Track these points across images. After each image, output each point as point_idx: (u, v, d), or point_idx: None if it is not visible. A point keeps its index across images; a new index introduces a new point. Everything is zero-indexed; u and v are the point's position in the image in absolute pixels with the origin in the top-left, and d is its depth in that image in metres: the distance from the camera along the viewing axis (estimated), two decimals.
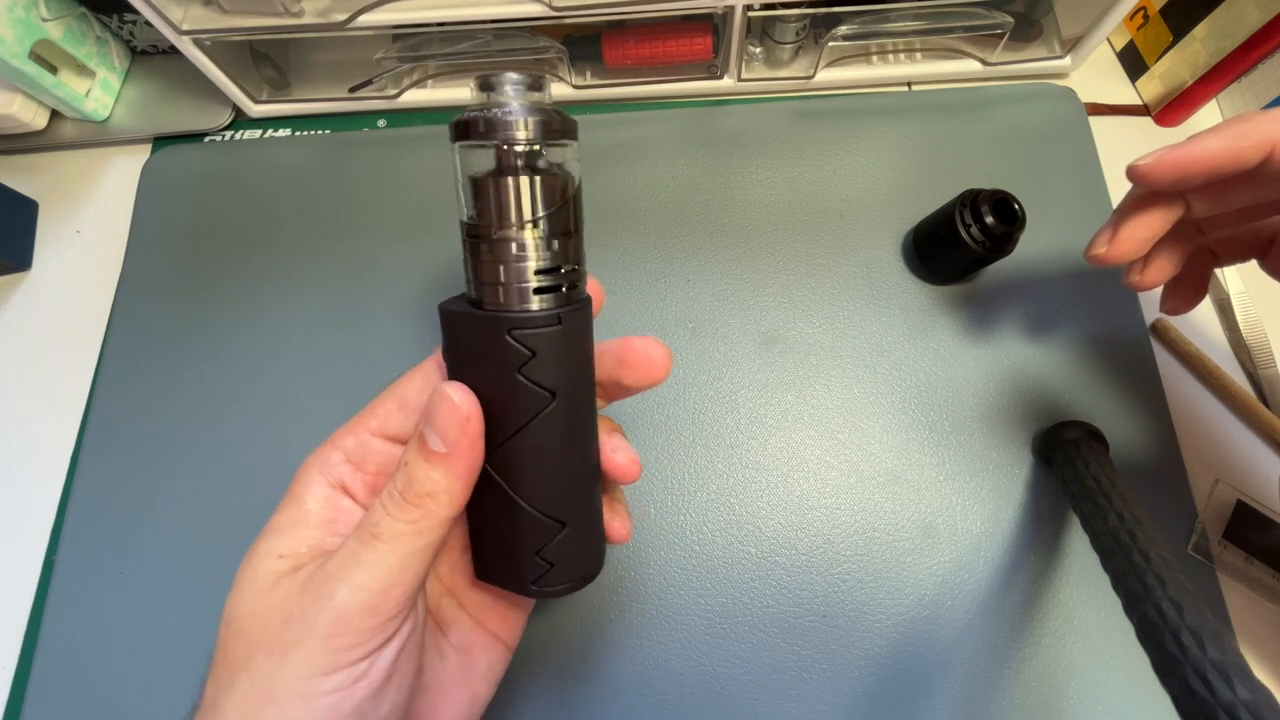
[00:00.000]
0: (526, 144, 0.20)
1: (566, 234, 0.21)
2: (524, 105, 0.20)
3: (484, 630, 0.25)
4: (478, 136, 0.20)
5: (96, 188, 0.42)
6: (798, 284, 0.37)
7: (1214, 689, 0.19)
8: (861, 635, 0.31)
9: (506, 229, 0.20)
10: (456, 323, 0.20)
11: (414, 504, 0.19)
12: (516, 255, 0.20)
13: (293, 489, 0.22)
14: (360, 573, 0.19)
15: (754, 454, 0.34)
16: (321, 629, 0.18)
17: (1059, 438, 0.32)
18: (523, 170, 0.20)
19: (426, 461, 0.20)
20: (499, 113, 0.19)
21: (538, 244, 0.20)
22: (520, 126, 0.19)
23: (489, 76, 0.20)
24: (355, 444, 0.23)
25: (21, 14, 0.36)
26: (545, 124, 0.20)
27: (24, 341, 0.38)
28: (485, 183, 0.20)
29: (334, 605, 0.18)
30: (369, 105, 0.42)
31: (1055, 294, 0.37)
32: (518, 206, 0.20)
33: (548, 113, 0.20)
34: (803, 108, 0.41)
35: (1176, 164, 0.23)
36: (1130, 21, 0.42)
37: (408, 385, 0.23)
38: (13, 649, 0.33)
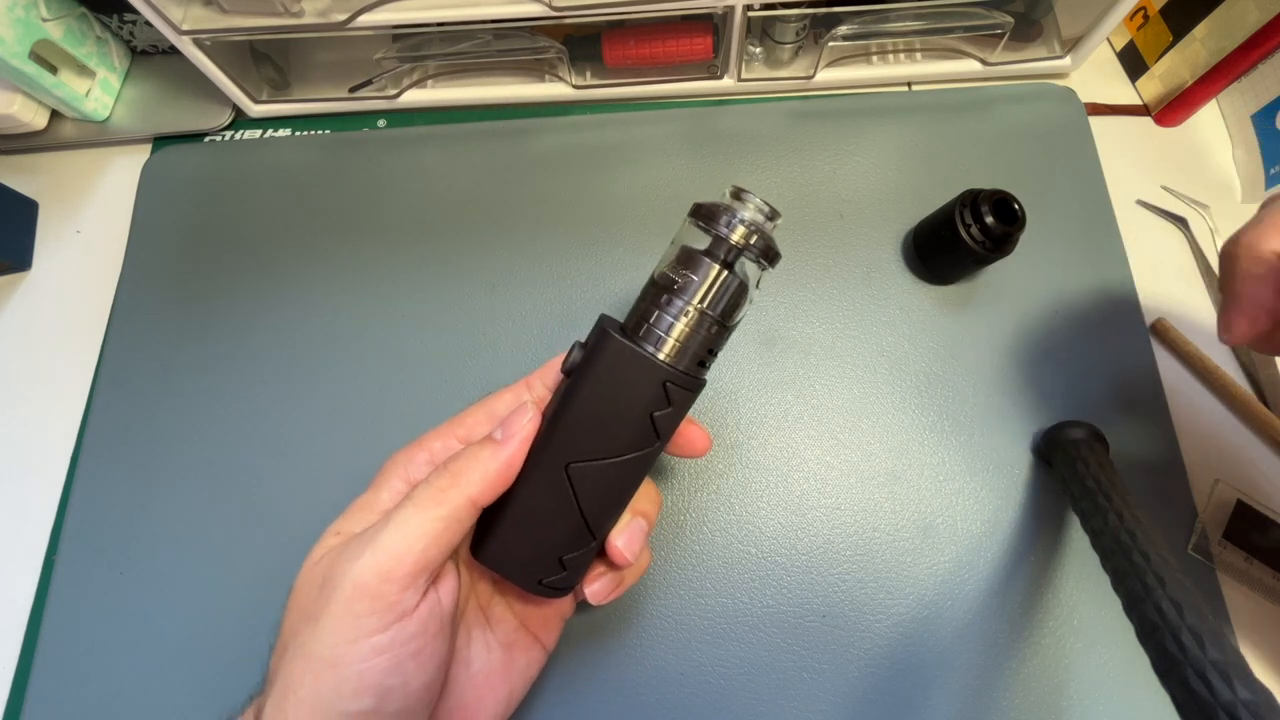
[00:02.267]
0: (766, 258, 0.23)
1: (729, 330, 0.24)
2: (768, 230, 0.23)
3: (526, 631, 0.26)
4: (753, 232, 0.23)
5: (96, 188, 0.42)
6: (798, 284, 0.37)
7: (1214, 689, 0.19)
8: (861, 635, 0.31)
9: (712, 310, 0.22)
10: (621, 351, 0.22)
11: (452, 473, 0.21)
12: (705, 332, 0.22)
13: (376, 478, 0.24)
14: (384, 535, 0.20)
15: (754, 454, 0.34)
16: (345, 592, 0.19)
17: (1059, 438, 0.32)
18: (742, 274, 0.23)
19: (480, 443, 0.22)
20: (767, 223, 0.23)
21: (722, 334, 0.23)
22: (769, 243, 0.23)
23: (742, 191, 0.23)
24: (441, 447, 0.24)
25: (21, 14, 0.36)
26: (771, 249, 0.23)
27: (24, 341, 0.38)
28: (717, 271, 0.22)
29: (356, 568, 0.19)
30: (369, 105, 0.42)
31: (1055, 294, 0.37)
32: (733, 300, 0.23)
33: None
34: (803, 108, 0.41)
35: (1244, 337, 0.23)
36: (1130, 21, 0.42)
37: (498, 400, 0.25)
38: (13, 649, 0.33)
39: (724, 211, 0.22)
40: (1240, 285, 0.22)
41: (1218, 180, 0.40)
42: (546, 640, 0.27)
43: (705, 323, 0.22)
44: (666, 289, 0.22)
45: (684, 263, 0.23)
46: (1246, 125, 0.40)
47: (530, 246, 0.38)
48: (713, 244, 0.23)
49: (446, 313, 0.37)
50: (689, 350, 0.22)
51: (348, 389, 0.36)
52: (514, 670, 0.25)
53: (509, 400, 0.25)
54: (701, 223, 0.23)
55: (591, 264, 0.38)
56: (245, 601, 0.32)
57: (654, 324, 0.22)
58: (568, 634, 0.31)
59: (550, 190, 0.39)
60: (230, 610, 0.32)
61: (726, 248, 0.22)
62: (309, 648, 0.19)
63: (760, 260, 0.23)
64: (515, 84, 0.42)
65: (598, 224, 0.38)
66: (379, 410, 0.35)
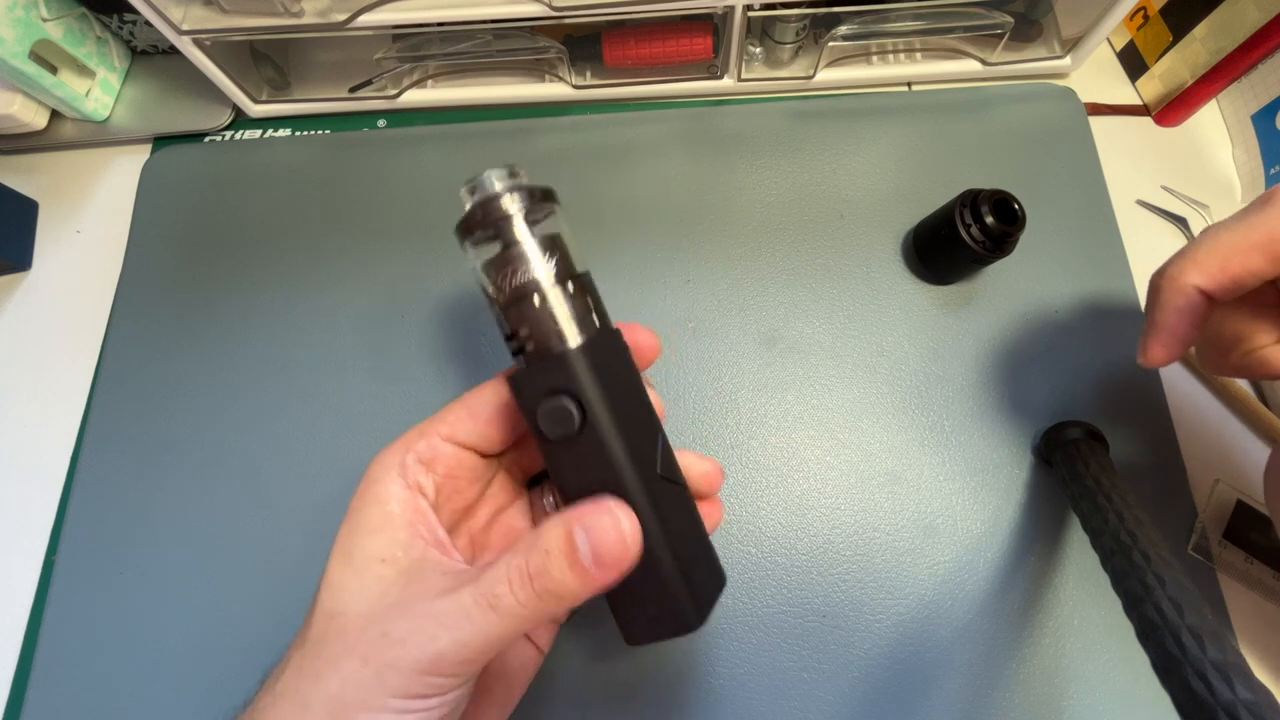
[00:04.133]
0: (546, 199, 0.22)
1: (583, 276, 0.23)
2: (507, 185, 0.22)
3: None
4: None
5: (96, 188, 0.42)
6: (798, 284, 0.37)
7: (1214, 689, 0.19)
8: (861, 635, 0.31)
9: (560, 278, 0.22)
10: (595, 352, 0.21)
11: (539, 596, 0.20)
12: (574, 296, 0.22)
13: (372, 490, 0.23)
14: (468, 630, 0.19)
15: (754, 454, 0.34)
16: (419, 665, 0.19)
17: (1059, 438, 0.32)
18: (543, 232, 0.22)
19: (568, 565, 0.20)
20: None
21: (579, 281, 0.22)
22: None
23: (472, 180, 0.22)
24: (426, 446, 0.23)
25: (21, 14, 0.36)
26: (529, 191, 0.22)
27: (24, 341, 0.38)
28: (522, 249, 0.22)
29: (436, 648, 0.19)
30: (369, 105, 0.42)
31: (1055, 294, 0.37)
32: (559, 253, 0.22)
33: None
34: (803, 108, 0.41)
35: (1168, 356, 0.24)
36: (1130, 21, 0.42)
37: (478, 396, 0.24)
38: (13, 649, 0.33)
39: (479, 210, 0.22)
40: (1160, 314, 0.23)
41: (1218, 180, 0.40)
42: (540, 642, 0.26)
43: (557, 292, 0.21)
44: (514, 301, 0.21)
45: (500, 270, 0.21)
46: (1246, 125, 0.40)
47: None
48: (501, 238, 0.22)
49: (448, 312, 0.37)
50: (576, 320, 0.21)
51: (348, 388, 0.36)
52: (510, 671, 0.25)
53: (488, 394, 0.24)
54: (476, 234, 0.22)
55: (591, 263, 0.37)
56: (246, 601, 0.32)
57: (531, 334, 0.21)
58: (565, 634, 0.31)
59: None
60: (231, 610, 0.32)
61: (510, 228, 0.21)
62: (367, 689, 0.19)
63: (542, 207, 0.22)
64: (515, 84, 0.42)
65: (597, 224, 0.38)
66: (379, 410, 0.35)
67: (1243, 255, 0.21)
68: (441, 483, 0.23)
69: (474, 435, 0.24)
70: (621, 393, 0.21)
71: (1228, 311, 0.24)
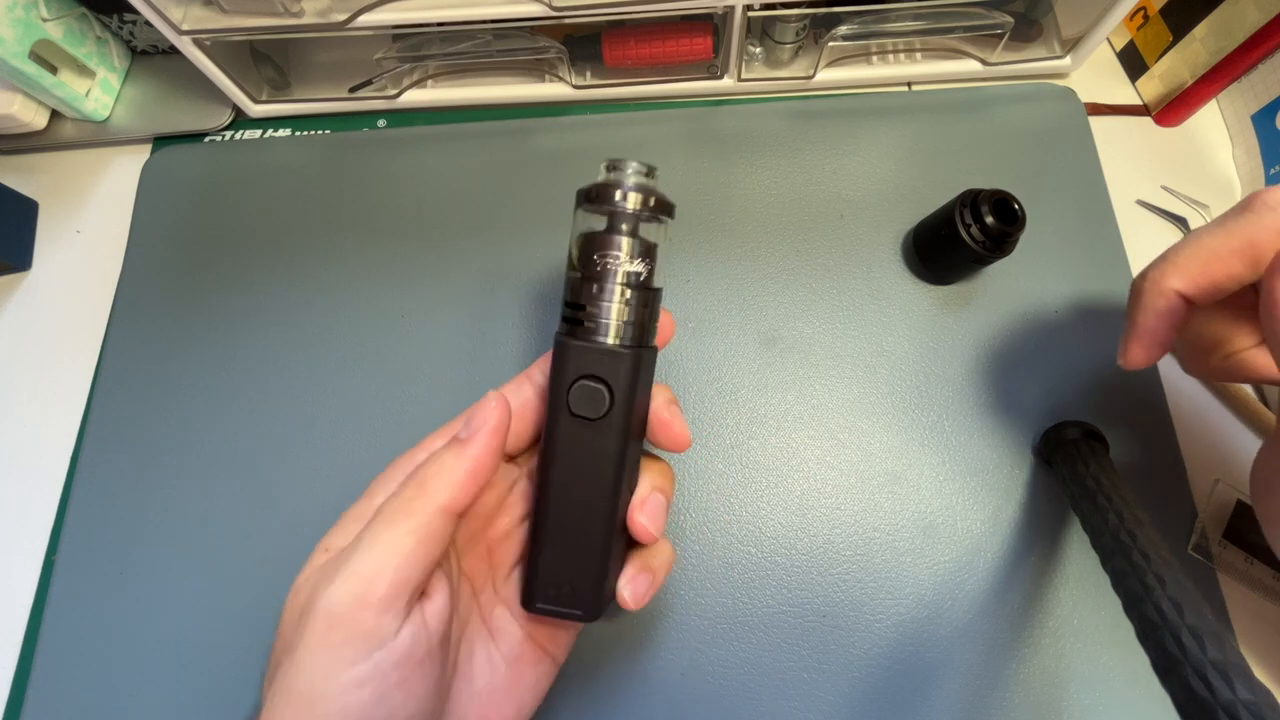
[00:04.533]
0: (663, 212, 0.24)
1: (656, 292, 0.24)
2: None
3: (533, 643, 0.25)
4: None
5: (96, 188, 0.42)
6: (798, 284, 0.37)
7: (1214, 689, 0.19)
8: (861, 635, 0.31)
9: (636, 281, 0.23)
10: (581, 352, 0.22)
11: (416, 480, 0.20)
12: (639, 303, 0.23)
13: (373, 484, 0.23)
14: (355, 557, 0.19)
15: (754, 454, 0.34)
16: (319, 625, 0.18)
17: (1059, 438, 0.32)
18: (649, 236, 0.24)
19: (445, 447, 0.21)
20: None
21: (651, 296, 0.24)
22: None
23: (615, 160, 0.23)
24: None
25: (21, 14, 0.36)
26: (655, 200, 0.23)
27: (24, 341, 0.38)
28: (628, 243, 0.23)
29: (330, 595, 0.18)
30: (369, 105, 0.42)
31: (1055, 294, 0.37)
32: (651, 263, 0.24)
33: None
34: (803, 108, 0.41)
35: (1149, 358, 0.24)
36: (1130, 21, 0.42)
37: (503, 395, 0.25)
38: (13, 649, 0.33)
39: (610, 187, 0.23)
40: (1140, 317, 0.24)
41: (1218, 180, 0.40)
42: (555, 652, 0.26)
43: (637, 294, 0.23)
44: (590, 278, 0.23)
45: (595, 247, 0.23)
46: (1246, 125, 0.40)
47: (530, 246, 0.38)
48: (611, 220, 0.23)
49: (448, 312, 0.37)
50: (636, 325, 0.23)
51: (348, 388, 0.36)
52: (521, 685, 0.24)
53: (511, 391, 0.24)
54: (594, 205, 0.23)
55: None
56: (246, 601, 0.32)
57: (597, 314, 0.22)
58: None
59: (550, 190, 0.39)
60: (231, 610, 0.32)
61: (626, 218, 0.23)
62: (288, 682, 0.18)
63: (659, 217, 0.23)
64: (515, 84, 0.42)
65: None
66: (380, 410, 0.35)
67: (1223, 260, 0.22)
68: None
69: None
70: (640, 409, 0.23)
71: (1209, 315, 0.25)
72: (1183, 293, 0.22)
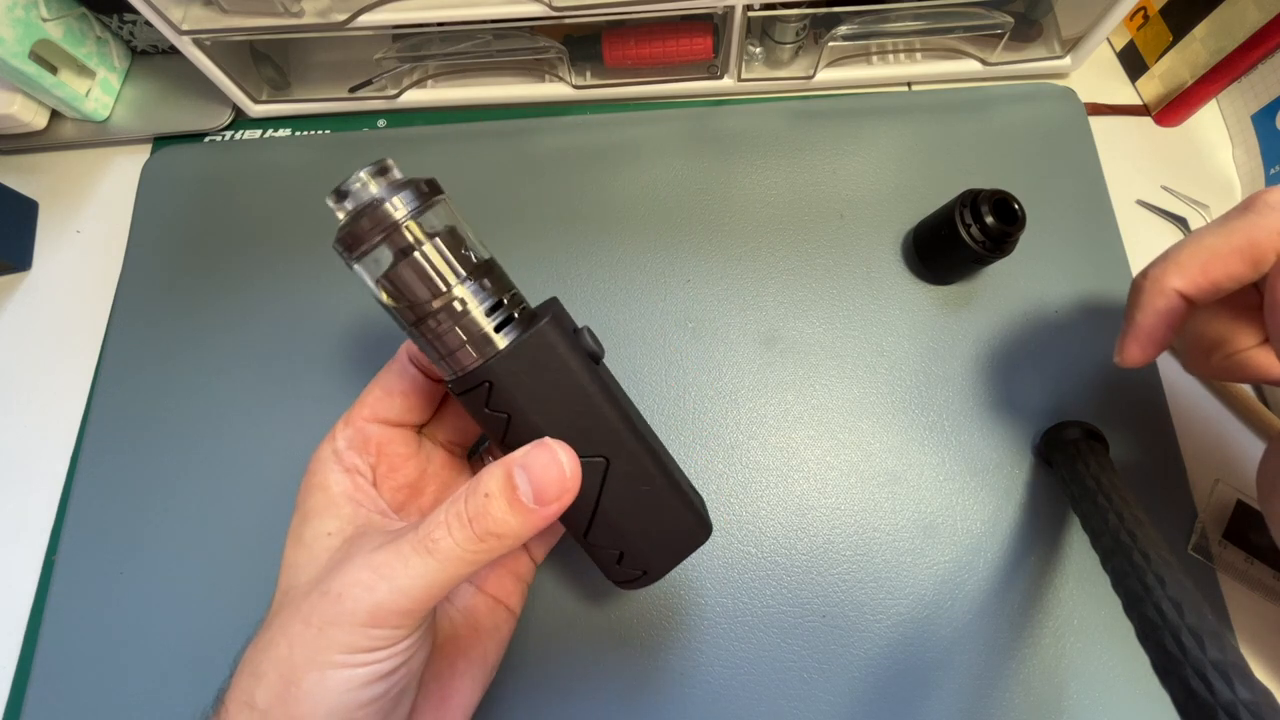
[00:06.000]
0: (432, 192, 0.20)
1: (482, 268, 0.21)
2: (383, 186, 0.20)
3: (483, 594, 0.27)
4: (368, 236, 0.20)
5: (96, 188, 0.42)
6: (798, 284, 0.37)
7: (1214, 689, 0.19)
8: (861, 635, 0.31)
9: (458, 280, 0.21)
10: (528, 351, 0.21)
11: (479, 537, 0.20)
12: (472, 297, 0.21)
13: (313, 479, 0.24)
14: (405, 577, 0.19)
15: (754, 454, 0.34)
16: (358, 618, 0.19)
17: (1059, 438, 0.32)
18: (429, 228, 0.20)
19: (508, 505, 0.20)
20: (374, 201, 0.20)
21: (482, 274, 0.21)
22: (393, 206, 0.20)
23: (340, 186, 0.20)
24: (353, 431, 0.25)
25: (21, 14, 0.36)
26: (416, 190, 0.20)
27: (24, 341, 0.38)
28: (421, 257, 0.20)
29: (374, 599, 0.19)
30: (369, 105, 0.42)
31: (1055, 294, 0.37)
32: (455, 252, 0.21)
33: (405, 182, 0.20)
34: (803, 108, 0.41)
35: (1145, 356, 0.24)
36: (1130, 21, 0.42)
37: (389, 373, 0.26)
38: (13, 649, 0.33)
39: (364, 219, 0.19)
40: (1139, 315, 0.24)
41: (1218, 180, 0.40)
42: (510, 602, 0.27)
43: (482, 285, 0.21)
44: (420, 317, 0.20)
45: (399, 286, 0.20)
46: (1246, 125, 0.40)
47: (530, 246, 0.38)
48: (395, 246, 0.20)
49: None
50: (483, 320, 0.21)
51: (348, 388, 0.36)
52: (481, 633, 0.26)
53: (396, 371, 0.25)
54: (362, 247, 0.20)
55: (591, 264, 0.38)
56: (246, 601, 0.32)
57: (447, 344, 0.21)
58: (564, 634, 0.31)
59: (550, 190, 0.39)
60: (231, 610, 0.32)
61: (401, 239, 0.20)
62: (313, 648, 0.19)
63: (428, 206, 0.20)
64: (515, 84, 0.42)
65: (597, 224, 0.38)
66: None
67: (1223, 259, 0.22)
68: (377, 462, 0.25)
69: (395, 409, 0.25)
70: (555, 385, 0.21)
71: (1210, 314, 0.25)
72: (1183, 292, 0.23)
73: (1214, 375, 0.26)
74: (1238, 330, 0.24)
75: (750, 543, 0.33)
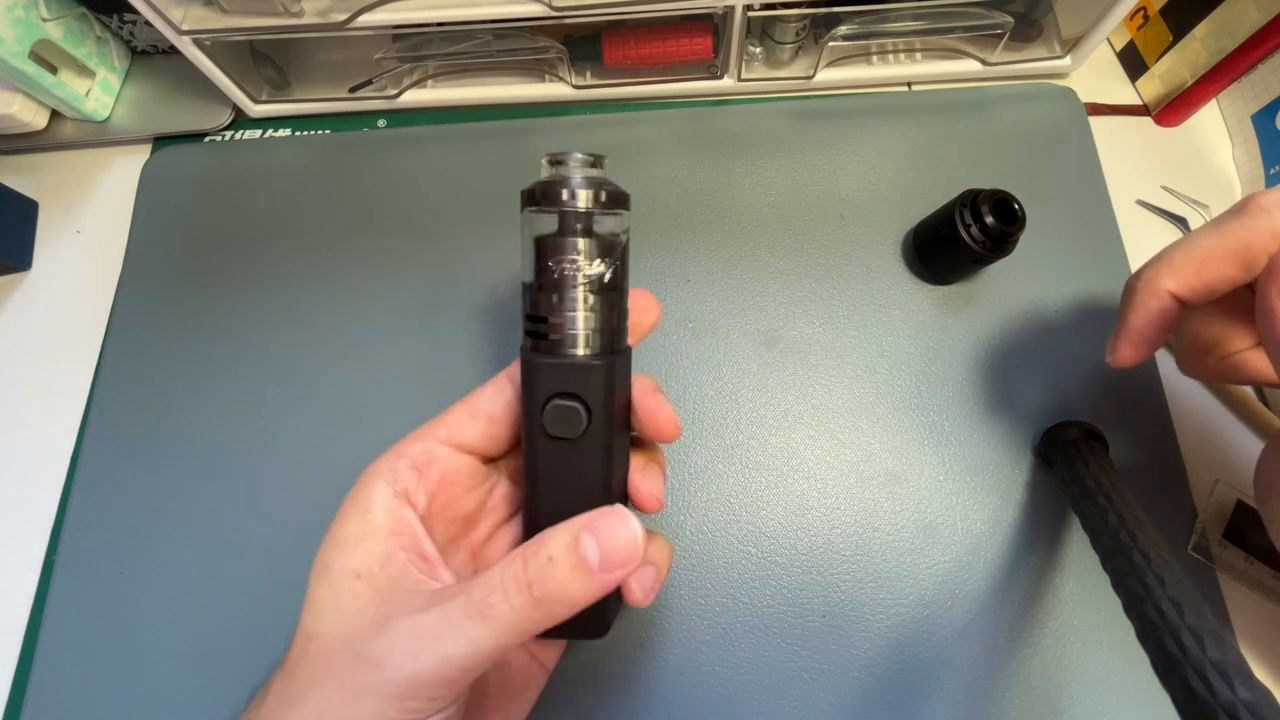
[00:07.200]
0: (618, 204, 0.22)
1: (624, 291, 0.23)
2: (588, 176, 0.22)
3: (524, 650, 0.25)
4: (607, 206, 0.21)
5: (96, 188, 0.42)
6: (798, 284, 0.37)
7: (1214, 689, 0.19)
8: (861, 635, 0.31)
9: (600, 283, 0.21)
10: (550, 370, 0.21)
11: (537, 603, 0.19)
12: (606, 305, 0.22)
13: (357, 496, 0.22)
14: (454, 645, 0.18)
15: (754, 454, 0.34)
16: (397, 688, 0.18)
17: (1059, 438, 0.32)
18: (605, 232, 0.22)
19: (573, 569, 0.19)
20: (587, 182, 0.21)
21: (618, 296, 0.22)
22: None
23: (558, 153, 0.22)
24: (422, 449, 0.23)
25: (21, 14, 0.36)
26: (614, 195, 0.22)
27: (24, 341, 0.38)
28: (584, 244, 0.21)
29: (415, 668, 0.18)
30: (369, 105, 0.42)
31: (1055, 294, 0.37)
32: (613, 262, 0.22)
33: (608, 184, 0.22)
34: (803, 108, 0.41)
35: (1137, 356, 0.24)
36: (1130, 21, 0.42)
37: (480, 395, 0.24)
38: (13, 649, 0.33)
39: (556, 184, 0.21)
40: (1132, 316, 0.24)
41: (1218, 180, 0.40)
42: (546, 660, 0.25)
43: (600, 298, 0.21)
44: (547, 287, 0.21)
45: (549, 253, 0.21)
46: (1246, 125, 0.40)
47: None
48: (562, 220, 0.21)
49: (448, 312, 0.37)
50: (605, 331, 0.21)
51: (349, 388, 0.36)
52: (510, 693, 0.24)
53: (490, 394, 0.24)
54: (540, 207, 0.21)
55: None
56: (246, 601, 0.32)
57: (561, 326, 0.21)
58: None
59: None
60: (231, 610, 0.32)
61: (577, 217, 0.21)
62: (342, 716, 0.18)
63: (614, 210, 0.21)
64: (515, 84, 0.42)
65: None
66: (381, 410, 0.35)
67: (1216, 261, 0.22)
68: (436, 489, 0.23)
69: (476, 435, 0.23)
70: (620, 412, 0.22)
71: (1205, 316, 0.25)
72: (1175, 293, 0.23)
73: (1209, 377, 0.26)
74: (1232, 332, 0.24)
75: (750, 543, 0.33)
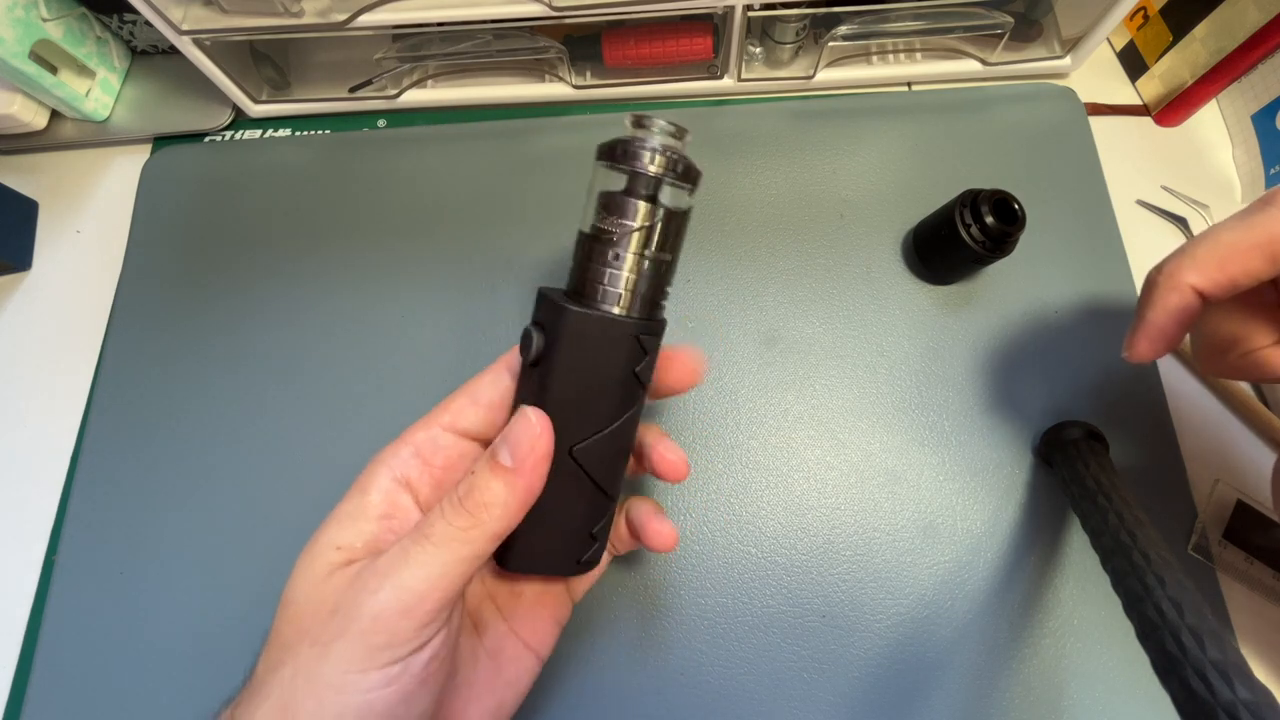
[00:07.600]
0: (687, 179, 0.22)
1: (674, 263, 0.24)
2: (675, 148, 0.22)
3: (517, 638, 0.25)
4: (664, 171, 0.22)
5: (96, 188, 0.42)
6: (798, 284, 0.37)
7: (1214, 689, 0.19)
8: (861, 635, 0.31)
9: (653, 250, 0.22)
10: (584, 320, 0.21)
11: (470, 511, 0.20)
12: (653, 272, 0.22)
13: (360, 479, 0.23)
14: (405, 571, 0.19)
15: (754, 454, 0.34)
16: (362, 624, 0.19)
17: (1059, 438, 0.32)
18: (670, 202, 0.22)
19: (491, 472, 0.20)
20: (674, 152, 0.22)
21: (669, 267, 0.23)
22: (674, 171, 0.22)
23: (644, 118, 0.22)
24: (426, 437, 0.24)
25: (21, 14, 0.36)
26: (690, 169, 0.22)
27: (24, 341, 0.38)
28: (646, 208, 0.21)
29: (376, 601, 0.19)
30: (369, 105, 0.42)
31: (1055, 294, 0.37)
32: (670, 231, 0.22)
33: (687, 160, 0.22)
34: (803, 108, 0.41)
35: (1154, 351, 0.24)
36: (1130, 21, 0.42)
37: (478, 383, 0.24)
38: (13, 649, 0.33)
39: (633, 145, 0.21)
40: (1152, 311, 0.23)
41: (1218, 180, 0.40)
42: (539, 647, 0.26)
43: (651, 264, 0.22)
44: (602, 241, 0.22)
45: (610, 209, 0.22)
46: (1246, 125, 0.40)
47: (531, 247, 0.38)
48: (631, 181, 0.22)
49: (448, 313, 0.37)
50: (645, 295, 0.22)
51: (349, 389, 0.36)
52: (502, 680, 0.24)
53: (489, 381, 0.24)
54: (614, 163, 0.22)
55: None
56: (245, 601, 0.32)
57: (603, 281, 0.22)
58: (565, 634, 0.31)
59: (550, 190, 0.39)
60: (231, 610, 0.32)
61: (646, 181, 0.21)
62: (315, 671, 0.19)
63: (682, 183, 0.22)
64: (515, 84, 0.42)
65: None
66: (381, 410, 0.35)
67: (1241, 255, 0.21)
68: (441, 476, 0.23)
69: (478, 421, 0.24)
70: (599, 372, 0.22)
71: (1226, 312, 0.24)
72: (1198, 288, 0.22)
73: (1228, 375, 0.26)
74: (1253, 328, 0.24)
75: (750, 543, 0.33)
